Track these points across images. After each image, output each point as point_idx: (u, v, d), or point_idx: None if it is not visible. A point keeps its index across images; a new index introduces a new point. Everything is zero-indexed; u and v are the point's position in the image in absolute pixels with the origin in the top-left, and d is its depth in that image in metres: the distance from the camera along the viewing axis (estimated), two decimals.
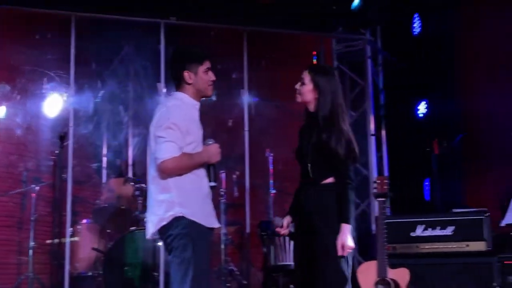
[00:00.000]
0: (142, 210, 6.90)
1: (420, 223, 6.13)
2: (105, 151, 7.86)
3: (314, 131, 3.93)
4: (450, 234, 6.10)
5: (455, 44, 8.02)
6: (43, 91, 7.00)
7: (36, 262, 6.62)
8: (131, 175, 7.59)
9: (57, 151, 6.43)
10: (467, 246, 6.06)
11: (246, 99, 7.00)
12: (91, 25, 6.89)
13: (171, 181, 3.59)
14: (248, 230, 6.93)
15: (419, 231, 6.13)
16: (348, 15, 7.33)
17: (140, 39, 7.17)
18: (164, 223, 3.59)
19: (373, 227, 7.36)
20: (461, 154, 7.94)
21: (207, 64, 3.78)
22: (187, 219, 3.55)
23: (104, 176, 7.80)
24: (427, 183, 7.67)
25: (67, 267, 6.35)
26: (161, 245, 6.31)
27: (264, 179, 7.52)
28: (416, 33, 7.88)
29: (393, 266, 5.21)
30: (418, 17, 7.84)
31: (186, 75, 3.73)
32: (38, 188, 6.73)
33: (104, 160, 7.85)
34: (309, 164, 3.93)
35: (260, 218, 7.30)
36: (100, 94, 7.48)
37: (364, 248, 7.25)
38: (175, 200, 3.57)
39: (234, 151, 7.45)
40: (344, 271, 3.82)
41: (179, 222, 3.55)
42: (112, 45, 7.58)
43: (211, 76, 3.81)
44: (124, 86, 7.62)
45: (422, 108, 7.79)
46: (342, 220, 3.82)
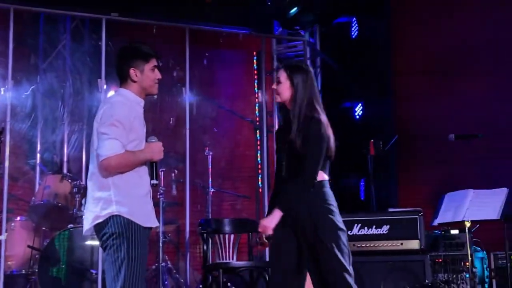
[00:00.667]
0: (79, 208, 6.83)
1: (357, 222, 6.29)
2: (39, 147, 7.72)
3: (291, 128, 3.88)
4: (385, 233, 6.28)
5: (390, 48, 8.26)
6: None
7: None
8: (66, 172, 7.47)
9: None
10: (402, 244, 6.25)
11: (188, 97, 6.98)
12: (30, 18, 6.77)
13: (110, 179, 3.55)
14: (188, 229, 6.93)
15: (356, 230, 6.29)
16: (287, 16, 7.43)
17: (80, 35, 7.07)
18: (100, 220, 3.54)
19: None
20: (395, 155, 8.19)
21: (154, 62, 3.74)
22: (123, 217, 3.50)
23: (38, 173, 7.65)
24: (362, 183, 7.86)
25: (2, 265, 6.21)
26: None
27: (203, 177, 7.53)
28: (353, 36, 8.06)
29: None
30: (355, 21, 8.02)
31: (132, 72, 3.69)
32: None
33: (38, 156, 7.71)
34: (283, 164, 3.92)
35: (198, 217, 7.33)
36: (38, 90, 7.35)
37: None
38: (112, 198, 3.53)
39: (174, 150, 7.45)
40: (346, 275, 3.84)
41: (115, 221, 3.50)
42: (52, 39, 7.46)
43: (157, 74, 3.77)
44: (63, 82, 7.48)
45: (359, 110, 7.97)
46: (280, 206, 3.83)
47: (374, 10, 8.11)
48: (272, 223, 3.82)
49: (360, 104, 7.96)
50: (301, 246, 3.89)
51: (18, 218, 6.89)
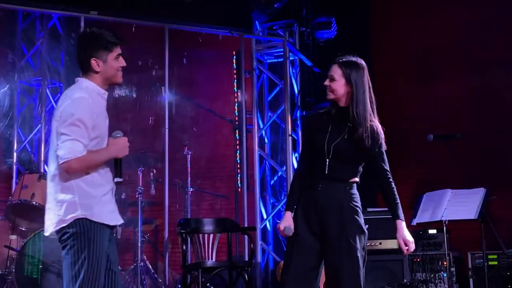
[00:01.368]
0: None
1: None
2: (16, 146, 7.65)
3: (345, 126, 3.79)
4: None
5: (369, 49, 8.30)
6: None
7: None
8: (44, 171, 7.41)
9: None
10: (380, 244, 6.31)
11: (167, 96, 6.96)
12: (8, 16, 6.71)
13: (73, 181, 3.42)
14: (166, 228, 6.91)
15: None
16: (266, 16, 7.44)
17: (58, 33, 7.02)
18: (65, 224, 3.42)
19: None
20: None
21: (118, 50, 3.55)
22: (87, 220, 3.41)
23: (15, 172, 7.59)
24: None
25: None
26: None
27: (182, 177, 7.51)
28: (332, 36, 8.08)
29: None
30: (334, 21, 8.03)
31: (94, 63, 3.49)
32: None
33: (15, 155, 7.64)
34: (327, 160, 3.76)
35: (177, 216, 7.31)
36: (16, 88, 7.29)
37: (281, 248, 7.39)
38: (77, 201, 3.41)
39: (153, 149, 7.42)
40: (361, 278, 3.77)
41: (79, 223, 3.40)
42: (29, 38, 7.40)
43: (121, 62, 3.56)
44: (41, 80, 7.43)
45: None
46: (402, 217, 3.84)
47: (353, 11, 8.14)
48: (410, 236, 3.87)
49: None
50: (323, 247, 3.80)
51: None
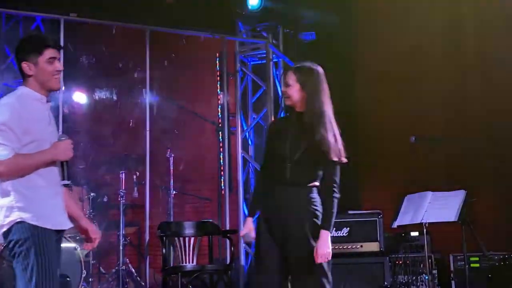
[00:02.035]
0: None
1: None
2: None
3: (302, 131, 3.80)
4: (345, 235, 6.34)
5: (352, 51, 8.32)
6: None
7: None
8: None
9: None
10: (361, 246, 6.32)
11: (148, 98, 6.95)
12: None
13: (10, 184, 3.41)
14: (147, 231, 6.90)
15: None
16: (249, 18, 7.45)
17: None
18: (5, 229, 3.41)
19: None
20: (358, 157, 8.24)
21: (50, 53, 3.46)
22: (27, 223, 3.38)
23: None
24: None
25: None
26: None
27: (165, 180, 7.51)
28: (315, 38, 8.09)
29: None
30: (317, 22, 8.04)
31: (25, 66, 3.44)
32: None
33: None
34: (288, 165, 3.78)
35: (160, 219, 7.29)
36: None
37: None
38: (14, 204, 3.39)
39: (135, 151, 7.42)
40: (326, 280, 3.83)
41: (20, 227, 3.38)
42: (12, 40, 7.38)
43: (57, 66, 3.48)
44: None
45: None
46: (325, 227, 3.77)
47: (336, 12, 8.15)
48: (329, 247, 3.78)
49: None
50: (285, 252, 3.82)
51: None
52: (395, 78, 8.22)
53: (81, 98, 7.88)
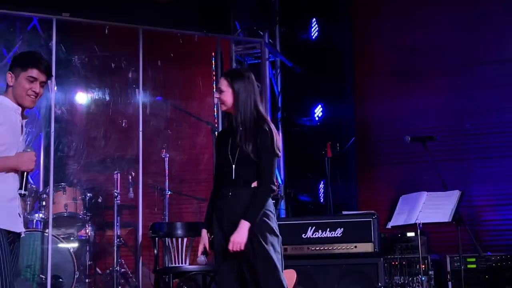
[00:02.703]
0: (31, 211, 6.82)
1: (311, 225, 6.32)
2: None
3: (237, 135, 3.97)
4: (339, 236, 6.31)
5: (350, 49, 8.30)
6: None
7: None
8: None
9: None
10: (355, 247, 6.29)
11: (141, 98, 6.96)
12: None
13: None
14: (140, 232, 6.91)
15: (310, 233, 6.31)
16: (246, 16, 7.45)
17: (32, 35, 7.03)
18: None
19: None
20: (355, 157, 8.24)
21: (33, 73, 3.64)
22: None
23: None
24: (321, 186, 7.89)
25: None
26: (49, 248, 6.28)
27: (160, 180, 7.52)
28: (313, 37, 8.09)
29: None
30: (316, 21, 8.04)
31: (8, 76, 3.68)
32: None
33: None
34: (233, 166, 3.97)
35: (156, 220, 7.31)
36: None
37: None
38: None
39: (129, 152, 7.44)
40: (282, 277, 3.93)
41: None
42: (9, 40, 7.43)
43: (34, 87, 3.65)
44: None
45: (318, 111, 8.00)
46: (247, 218, 3.87)
47: (334, 11, 8.15)
48: (244, 237, 3.86)
49: (320, 106, 7.99)
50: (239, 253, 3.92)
51: None
52: (395, 76, 8.22)
53: (81, 98, 7.92)
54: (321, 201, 7.85)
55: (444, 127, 7.75)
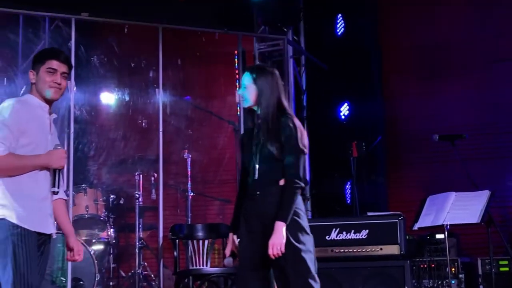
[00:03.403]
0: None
1: (335, 226, 6.30)
2: None
3: (261, 132, 3.95)
4: (364, 237, 6.28)
5: (377, 46, 8.26)
6: None
7: None
8: None
9: None
10: (381, 249, 6.25)
11: (161, 98, 7.03)
12: (9, 19, 6.92)
13: (0, 181, 3.60)
14: (161, 234, 6.98)
15: (334, 235, 6.29)
16: (268, 13, 7.47)
17: (62, 36, 7.14)
18: None
19: None
20: (384, 157, 8.20)
21: (51, 64, 3.70)
22: (9, 221, 3.55)
23: None
24: (348, 186, 7.86)
25: None
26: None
27: (181, 181, 7.58)
28: (339, 34, 8.07)
29: None
30: (341, 17, 8.02)
31: (30, 74, 3.75)
32: None
33: None
34: (257, 166, 3.95)
35: (180, 222, 7.38)
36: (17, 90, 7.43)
37: None
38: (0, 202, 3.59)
39: (150, 152, 7.51)
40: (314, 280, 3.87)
41: (1, 225, 3.56)
42: (32, 40, 7.57)
43: (55, 78, 3.71)
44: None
45: (345, 109, 7.98)
46: (280, 218, 3.83)
47: (361, 7, 8.12)
48: (283, 238, 3.81)
49: (346, 104, 7.97)
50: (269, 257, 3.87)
51: None
52: (423, 73, 8.16)
53: (100, 98, 8.03)
54: (347, 202, 7.82)
55: (474, 125, 7.67)
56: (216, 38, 7.26)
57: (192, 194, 7.59)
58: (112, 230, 7.41)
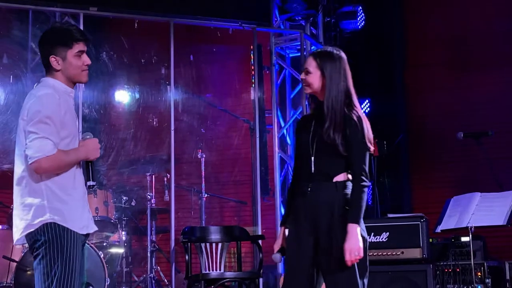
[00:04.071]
0: None
1: None
2: None
3: (324, 122, 3.77)
4: (384, 240, 6.22)
5: (399, 40, 8.18)
6: None
7: None
8: None
9: None
10: (402, 253, 6.19)
11: (173, 95, 7.01)
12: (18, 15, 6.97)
13: (43, 183, 3.48)
14: (173, 237, 6.97)
15: None
16: (286, 6, 7.43)
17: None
18: (32, 229, 3.47)
19: None
20: (407, 156, 8.12)
21: (79, 46, 3.56)
22: (58, 225, 3.45)
23: None
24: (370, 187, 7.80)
25: None
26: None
27: (194, 182, 7.56)
28: (360, 26, 7.98)
29: None
30: (362, 9, 7.94)
31: (53, 60, 3.53)
32: None
33: None
34: (312, 158, 3.80)
35: (192, 225, 7.36)
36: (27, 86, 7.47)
37: None
38: (46, 204, 3.46)
39: (162, 152, 7.50)
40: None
41: (49, 229, 3.45)
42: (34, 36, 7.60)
43: (85, 60, 3.59)
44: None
45: (365, 107, 7.90)
46: (352, 220, 3.68)
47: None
48: (359, 242, 3.67)
49: (367, 101, 7.89)
50: (318, 257, 3.79)
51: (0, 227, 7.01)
52: (448, 68, 8.07)
53: (111, 96, 8.04)
54: (368, 203, 7.74)
55: (502, 123, 7.56)
56: (230, 33, 7.22)
57: (206, 195, 7.57)
58: (123, 233, 7.40)
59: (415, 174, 8.12)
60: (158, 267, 7.61)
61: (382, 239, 6.24)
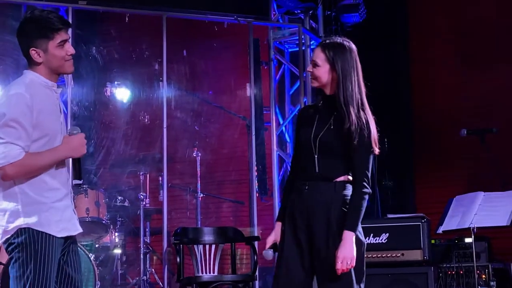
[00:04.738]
0: None
1: None
2: None
3: (332, 117, 3.71)
4: (384, 242, 6.20)
5: (403, 33, 8.15)
6: None
7: None
8: None
9: None
10: (402, 255, 6.17)
11: (165, 92, 7.00)
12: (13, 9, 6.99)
13: (17, 186, 3.42)
14: (165, 238, 6.97)
15: None
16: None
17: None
18: (8, 235, 3.43)
19: None
20: (411, 154, 8.09)
21: (61, 36, 3.41)
22: (32, 229, 3.40)
23: None
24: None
25: None
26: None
27: (189, 181, 7.56)
28: (361, 20, 7.95)
29: None
30: (363, 1, 7.90)
31: (34, 53, 3.39)
32: None
33: None
34: (316, 156, 3.73)
35: (188, 225, 7.35)
36: None
37: None
38: (20, 209, 3.41)
39: (155, 151, 7.50)
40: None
41: (23, 233, 3.40)
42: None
43: (69, 49, 3.43)
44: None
45: None
46: (349, 227, 3.61)
47: None
48: (354, 251, 3.62)
49: None
50: (312, 259, 3.75)
51: None
52: (455, 63, 8.04)
53: (101, 93, 8.04)
54: (367, 203, 7.71)
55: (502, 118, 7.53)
56: (225, 27, 7.20)
57: (202, 195, 7.56)
58: (116, 234, 7.40)
59: (418, 173, 8.09)
60: (153, 269, 7.61)
61: (381, 240, 6.23)
